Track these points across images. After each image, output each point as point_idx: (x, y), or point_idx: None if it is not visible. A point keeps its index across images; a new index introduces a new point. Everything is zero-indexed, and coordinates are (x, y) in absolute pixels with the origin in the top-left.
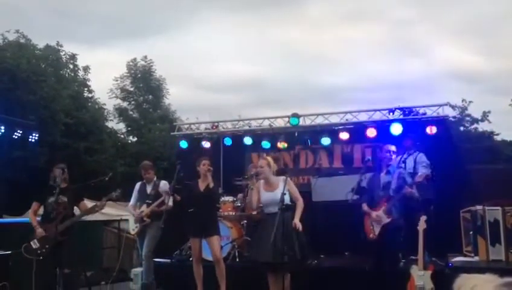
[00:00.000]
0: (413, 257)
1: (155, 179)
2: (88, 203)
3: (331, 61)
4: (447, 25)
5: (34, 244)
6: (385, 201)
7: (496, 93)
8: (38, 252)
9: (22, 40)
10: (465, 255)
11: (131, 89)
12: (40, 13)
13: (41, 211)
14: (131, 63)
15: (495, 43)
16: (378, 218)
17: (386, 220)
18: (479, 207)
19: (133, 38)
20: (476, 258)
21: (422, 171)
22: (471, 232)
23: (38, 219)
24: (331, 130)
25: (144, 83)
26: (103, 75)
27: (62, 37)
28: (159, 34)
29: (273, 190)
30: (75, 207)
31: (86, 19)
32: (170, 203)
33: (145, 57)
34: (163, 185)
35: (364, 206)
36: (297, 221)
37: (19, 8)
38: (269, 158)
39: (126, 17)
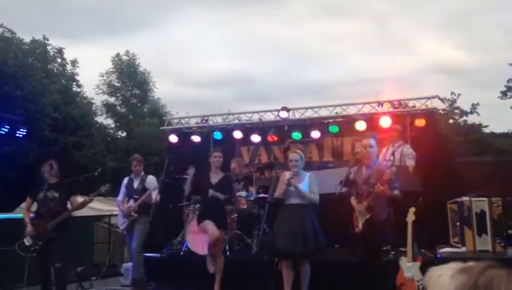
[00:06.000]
0: (402, 249)
1: (142, 173)
2: (78, 199)
3: (316, 55)
4: (428, 18)
5: (27, 241)
6: (366, 196)
7: (482, 87)
8: (32, 249)
9: (7, 34)
10: (453, 246)
11: (118, 84)
12: (20, 6)
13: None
14: (115, 58)
15: (476, 37)
16: (361, 212)
17: (367, 215)
18: (465, 198)
19: (115, 33)
20: (463, 249)
21: (409, 163)
22: (458, 223)
23: (32, 215)
24: (321, 124)
25: (129, 78)
26: (87, 70)
27: (44, 31)
28: (142, 29)
29: (299, 182)
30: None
31: (67, 13)
32: (158, 197)
33: (127, 51)
34: (150, 179)
35: (353, 200)
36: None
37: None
38: (301, 152)
39: (108, 11)
